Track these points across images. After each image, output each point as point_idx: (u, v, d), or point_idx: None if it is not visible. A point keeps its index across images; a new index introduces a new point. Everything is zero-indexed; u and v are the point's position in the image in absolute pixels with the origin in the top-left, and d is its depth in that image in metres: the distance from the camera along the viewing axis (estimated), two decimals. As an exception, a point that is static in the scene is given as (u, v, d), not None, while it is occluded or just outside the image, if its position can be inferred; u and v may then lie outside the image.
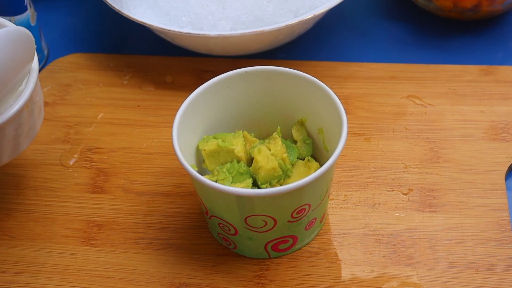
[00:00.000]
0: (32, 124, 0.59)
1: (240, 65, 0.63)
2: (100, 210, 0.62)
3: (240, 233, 0.56)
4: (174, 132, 0.55)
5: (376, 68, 0.73)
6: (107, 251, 0.60)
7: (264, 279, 0.57)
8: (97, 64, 0.76)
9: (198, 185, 0.55)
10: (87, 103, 0.72)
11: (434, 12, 0.77)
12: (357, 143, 0.66)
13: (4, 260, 0.59)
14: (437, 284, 0.55)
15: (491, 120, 0.67)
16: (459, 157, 0.64)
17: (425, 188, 0.62)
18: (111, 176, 0.65)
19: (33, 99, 0.58)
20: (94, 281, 0.58)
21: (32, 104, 0.58)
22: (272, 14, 0.71)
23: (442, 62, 0.73)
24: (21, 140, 0.58)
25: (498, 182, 0.62)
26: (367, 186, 0.62)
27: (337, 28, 0.79)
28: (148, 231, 0.61)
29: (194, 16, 0.71)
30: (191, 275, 0.57)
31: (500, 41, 0.76)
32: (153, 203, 0.63)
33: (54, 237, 0.61)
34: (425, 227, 0.59)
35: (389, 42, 0.77)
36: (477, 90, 0.70)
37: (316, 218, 0.57)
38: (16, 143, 0.58)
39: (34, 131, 0.60)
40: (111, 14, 0.79)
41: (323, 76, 0.70)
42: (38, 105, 0.60)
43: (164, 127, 0.69)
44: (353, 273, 0.57)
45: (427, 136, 0.66)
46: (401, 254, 0.57)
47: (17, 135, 0.58)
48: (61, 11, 0.84)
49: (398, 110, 0.68)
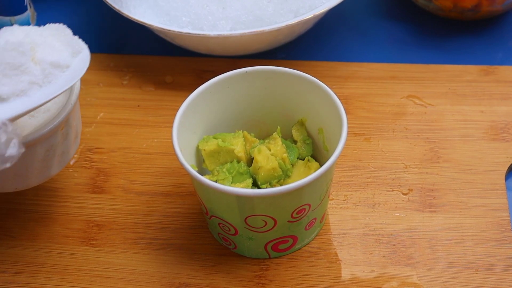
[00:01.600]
0: (65, 149, 0.56)
1: (240, 65, 0.63)
2: (100, 210, 0.62)
3: (240, 233, 0.56)
4: (174, 132, 0.55)
5: (376, 68, 0.73)
6: (107, 251, 0.60)
7: (264, 279, 0.57)
8: (97, 64, 0.76)
9: (198, 185, 0.55)
10: (87, 103, 0.71)
11: (434, 12, 0.77)
12: (357, 143, 0.66)
13: (4, 260, 0.59)
14: (437, 284, 0.55)
15: (491, 120, 0.67)
16: (459, 157, 0.64)
17: (425, 188, 0.62)
18: (111, 176, 0.65)
19: (69, 122, 0.56)
20: (94, 281, 0.58)
21: (67, 127, 0.56)
22: (272, 14, 0.71)
23: (442, 62, 0.73)
24: (52, 163, 0.56)
25: (498, 182, 0.62)
26: (367, 186, 0.62)
27: (337, 28, 0.79)
28: (148, 231, 0.61)
29: (194, 16, 0.71)
30: (191, 275, 0.57)
31: (500, 41, 0.76)
32: (153, 203, 0.63)
33: (54, 237, 0.61)
34: (425, 227, 0.59)
35: (389, 42, 0.77)
36: (477, 90, 0.70)
37: (316, 218, 0.57)
38: (47, 165, 0.56)
39: (67, 156, 0.57)
40: (111, 14, 0.79)
41: (323, 76, 0.70)
42: (74, 130, 0.57)
43: (164, 127, 0.69)
44: (353, 273, 0.57)
45: (427, 136, 0.66)
46: (401, 254, 0.57)
47: (48, 157, 0.55)
48: (61, 11, 0.84)
49: (398, 110, 0.68)
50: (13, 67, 0.48)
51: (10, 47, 0.48)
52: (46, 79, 0.50)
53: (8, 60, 0.48)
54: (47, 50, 0.50)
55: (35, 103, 0.49)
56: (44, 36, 0.51)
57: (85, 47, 0.54)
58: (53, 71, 0.50)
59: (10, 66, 0.48)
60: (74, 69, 0.52)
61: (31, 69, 0.49)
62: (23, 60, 0.48)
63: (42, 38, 0.51)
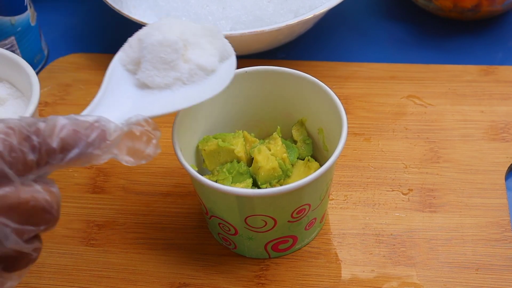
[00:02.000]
0: None
1: (240, 65, 0.63)
2: (100, 210, 0.62)
3: (240, 233, 0.56)
4: (174, 132, 0.55)
5: (376, 68, 0.73)
6: (107, 251, 0.60)
7: (264, 279, 0.57)
8: (97, 64, 0.76)
9: (198, 185, 0.55)
10: (87, 103, 0.70)
11: (434, 12, 0.77)
12: (357, 143, 0.66)
13: (4, 260, 0.59)
14: (437, 284, 0.55)
15: (491, 120, 0.67)
16: (459, 157, 0.64)
17: (425, 188, 0.62)
18: (111, 176, 0.65)
19: None
20: (94, 281, 0.58)
21: None
22: (272, 14, 0.71)
23: (442, 62, 0.73)
24: None
25: (498, 182, 0.62)
26: (367, 186, 0.62)
27: (337, 28, 0.79)
28: (148, 231, 0.61)
29: (194, 16, 0.71)
30: (191, 275, 0.57)
31: (500, 41, 0.76)
32: (153, 203, 0.63)
33: (54, 237, 0.61)
34: (425, 227, 0.59)
35: (389, 42, 0.77)
36: (477, 90, 0.70)
37: (316, 218, 0.57)
38: None
39: None
40: (111, 14, 0.79)
41: (323, 76, 0.70)
42: None
43: (164, 127, 0.68)
44: (353, 273, 0.57)
45: (427, 136, 0.66)
46: (401, 254, 0.57)
47: None
48: (61, 11, 0.84)
49: (398, 110, 0.68)
50: (164, 61, 0.50)
51: (166, 43, 0.50)
52: (191, 78, 0.52)
53: (161, 55, 0.50)
54: (198, 52, 0.52)
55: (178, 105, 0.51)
56: (197, 36, 0.53)
57: (233, 53, 0.55)
58: (198, 72, 0.52)
59: (162, 60, 0.50)
60: (220, 76, 0.53)
61: (179, 66, 0.51)
62: (174, 57, 0.51)
63: (195, 38, 0.52)
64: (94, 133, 0.43)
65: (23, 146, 0.39)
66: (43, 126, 0.41)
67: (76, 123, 0.42)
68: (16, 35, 0.72)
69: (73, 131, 0.42)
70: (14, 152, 0.39)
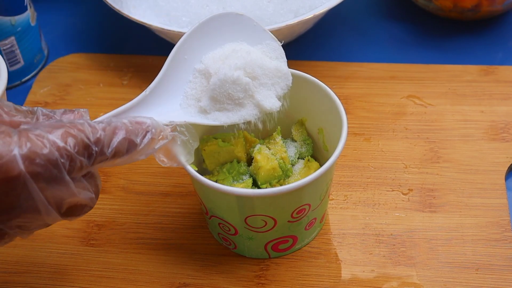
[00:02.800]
0: None
1: (240, 65, 0.63)
2: (100, 210, 0.62)
3: (240, 233, 0.56)
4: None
5: (376, 68, 0.73)
6: (107, 251, 0.60)
7: (264, 279, 0.57)
8: (97, 64, 0.76)
9: (198, 185, 0.55)
10: (87, 103, 0.71)
11: (434, 12, 0.77)
12: (357, 143, 0.66)
13: (4, 260, 0.59)
14: (437, 284, 0.55)
15: (491, 120, 0.67)
16: (459, 157, 0.64)
17: (425, 188, 0.62)
18: (111, 176, 0.65)
19: None
20: (94, 281, 0.58)
21: None
22: (272, 14, 0.71)
23: (442, 62, 0.73)
24: None
25: (498, 182, 0.62)
26: (367, 186, 0.62)
27: (337, 28, 0.79)
28: (148, 231, 0.61)
29: (194, 16, 0.71)
30: (191, 275, 0.57)
31: (500, 41, 0.76)
32: (153, 203, 0.63)
33: (54, 237, 0.61)
34: (425, 227, 0.59)
35: (389, 42, 0.77)
36: (477, 90, 0.70)
37: (316, 218, 0.57)
38: None
39: None
40: (111, 14, 0.79)
41: (323, 76, 0.70)
42: None
43: (164, 127, 0.69)
44: (353, 273, 0.57)
45: (427, 136, 0.66)
46: (401, 254, 0.57)
47: None
48: (61, 11, 0.84)
49: (398, 110, 0.68)
50: (231, 98, 0.53)
51: (238, 81, 0.52)
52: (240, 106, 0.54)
53: (230, 91, 0.52)
54: (261, 96, 0.54)
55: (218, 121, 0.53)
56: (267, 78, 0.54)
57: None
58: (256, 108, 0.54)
59: (229, 96, 0.53)
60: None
61: (241, 101, 0.53)
62: (241, 96, 0.53)
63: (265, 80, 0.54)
64: (145, 140, 0.46)
65: (82, 155, 0.43)
66: (103, 135, 0.44)
67: (132, 130, 0.46)
68: (16, 35, 0.72)
69: (128, 142, 0.45)
70: (73, 162, 0.43)
